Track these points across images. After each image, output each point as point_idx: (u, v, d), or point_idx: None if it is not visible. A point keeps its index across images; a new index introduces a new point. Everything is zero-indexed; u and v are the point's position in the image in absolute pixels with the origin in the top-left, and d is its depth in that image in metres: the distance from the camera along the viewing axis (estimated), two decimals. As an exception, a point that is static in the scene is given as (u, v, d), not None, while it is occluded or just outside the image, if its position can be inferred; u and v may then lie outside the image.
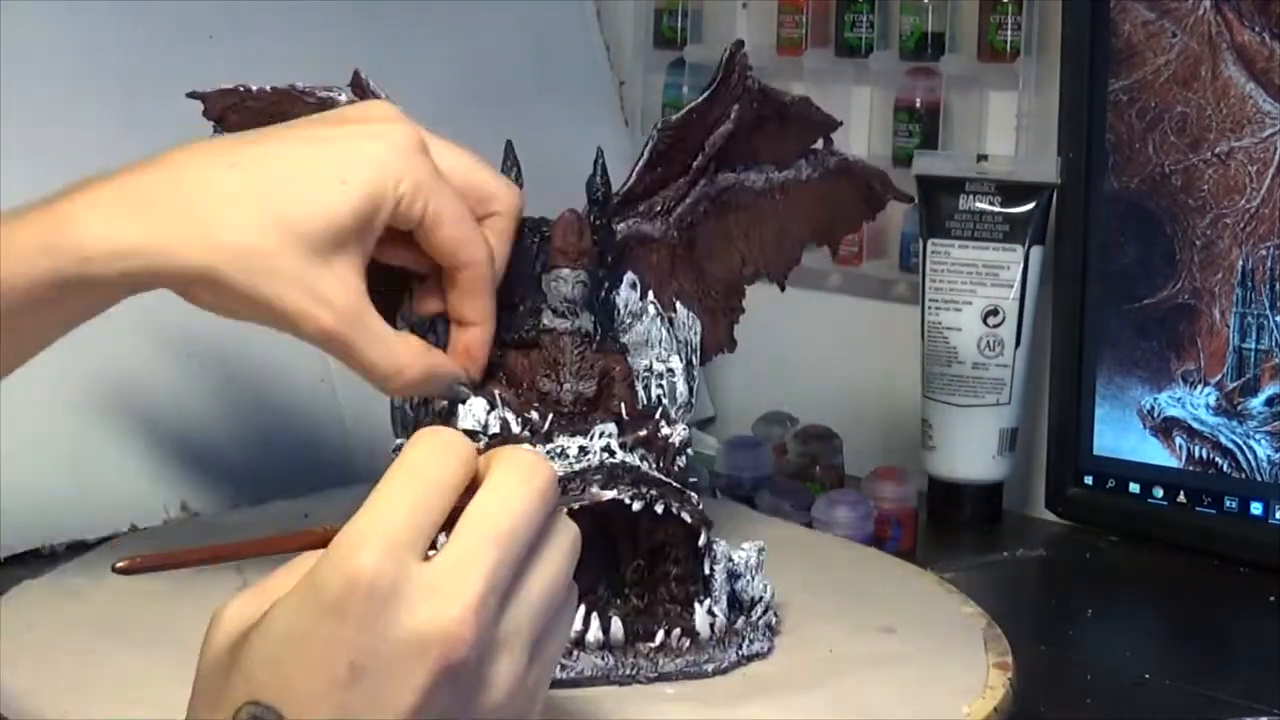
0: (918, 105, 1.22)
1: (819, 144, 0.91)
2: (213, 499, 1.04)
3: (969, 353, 1.15)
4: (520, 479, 0.54)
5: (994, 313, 1.14)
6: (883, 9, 1.24)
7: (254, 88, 0.83)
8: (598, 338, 0.79)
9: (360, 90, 0.83)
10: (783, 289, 0.93)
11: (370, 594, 0.50)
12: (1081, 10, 1.12)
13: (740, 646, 0.77)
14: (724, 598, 0.77)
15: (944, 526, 1.15)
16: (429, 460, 0.53)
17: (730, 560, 0.78)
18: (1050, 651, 0.91)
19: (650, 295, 0.83)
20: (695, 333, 0.86)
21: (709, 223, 0.88)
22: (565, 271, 0.79)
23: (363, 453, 1.08)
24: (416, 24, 1.25)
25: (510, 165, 0.82)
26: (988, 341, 1.14)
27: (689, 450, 0.79)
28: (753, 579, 0.78)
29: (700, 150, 0.86)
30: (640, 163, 0.85)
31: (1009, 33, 1.18)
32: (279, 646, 0.50)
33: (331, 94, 0.83)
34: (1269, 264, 1.06)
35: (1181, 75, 1.08)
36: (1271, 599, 1.00)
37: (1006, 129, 1.20)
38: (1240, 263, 1.07)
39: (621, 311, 0.81)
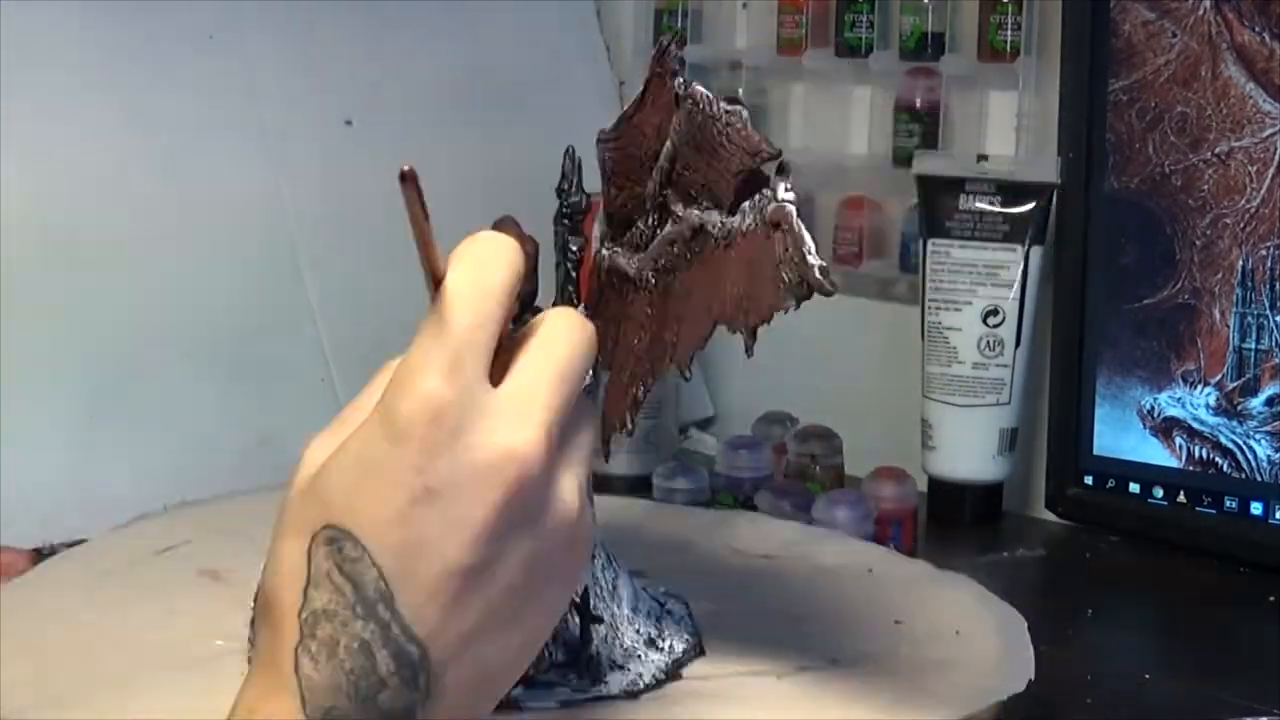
0: (918, 105, 1.22)
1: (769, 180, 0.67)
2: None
3: (969, 353, 1.15)
4: (574, 325, 0.56)
5: (994, 313, 1.14)
6: (883, 9, 1.24)
7: None
8: None
9: None
10: (686, 378, 0.71)
11: (438, 418, 0.52)
12: (1081, 10, 1.12)
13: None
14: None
15: (944, 526, 1.15)
16: (480, 272, 0.54)
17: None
18: (1050, 651, 0.91)
19: None
20: None
21: (684, 270, 0.70)
22: None
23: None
24: (417, 24, 1.25)
25: (572, 172, 0.75)
26: (988, 341, 1.14)
27: None
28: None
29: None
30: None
31: (1009, 33, 1.18)
32: (353, 474, 0.52)
33: None
34: (1269, 264, 1.06)
35: (1181, 75, 1.08)
36: (1271, 599, 1.00)
37: (1006, 129, 1.20)
38: (1240, 263, 1.07)
39: None
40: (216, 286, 1.09)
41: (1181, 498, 1.10)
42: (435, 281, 0.54)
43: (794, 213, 0.65)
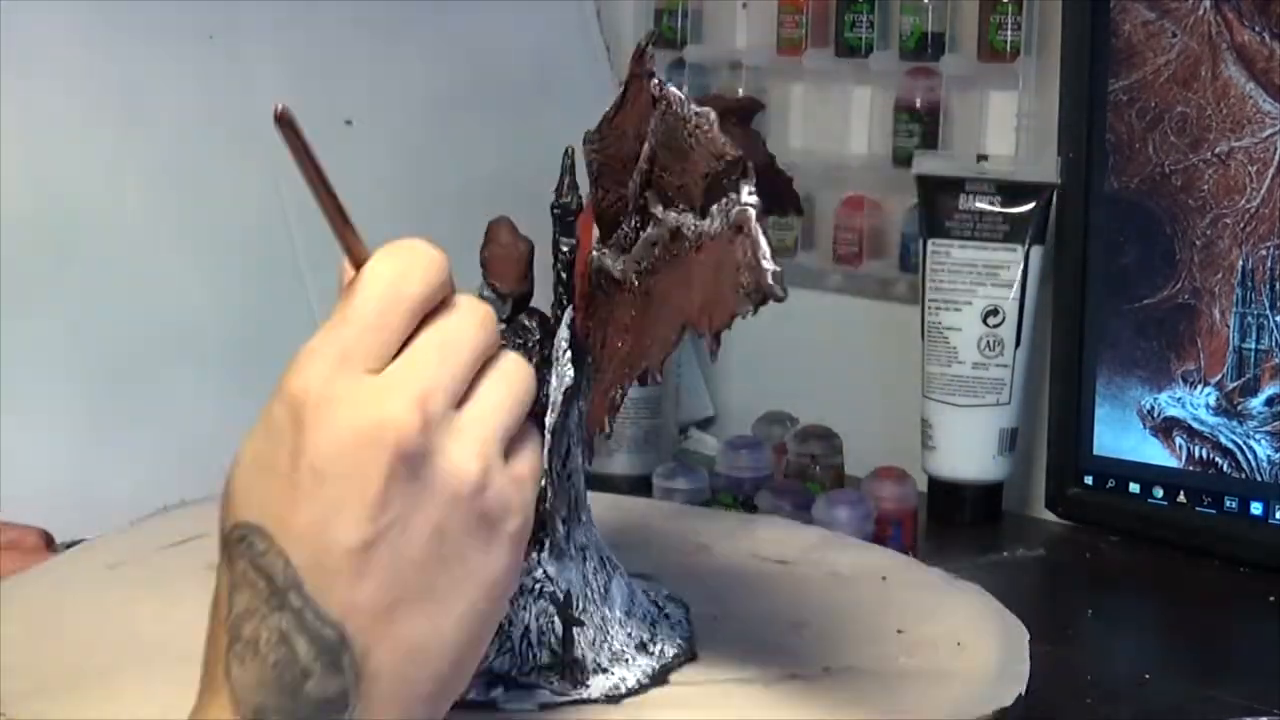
0: (918, 105, 1.22)
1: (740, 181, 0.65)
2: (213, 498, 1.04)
3: (969, 353, 1.15)
4: (466, 308, 0.56)
5: (994, 313, 1.14)
6: (883, 9, 1.24)
7: None
8: None
9: None
10: (657, 381, 0.75)
11: (317, 404, 0.53)
12: (1081, 10, 1.12)
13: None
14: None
15: (944, 526, 1.15)
16: (400, 280, 0.55)
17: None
18: (1050, 651, 0.91)
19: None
20: (560, 393, 0.72)
21: (664, 272, 0.69)
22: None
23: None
24: (416, 24, 1.25)
25: (565, 172, 0.75)
26: (988, 341, 1.15)
27: None
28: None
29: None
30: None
31: (1009, 33, 1.18)
32: (249, 471, 0.54)
33: None
34: (1269, 264, 1.06)
35: (1181, 75, 1.08)
36: (1271, 599, 1.00)
37: (1006, 129, 1.20)
38: (1240, 263, 1.07)
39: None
40: (216, 286, 1.09)
41: (1181, 498, 1.10)
42: (352, 258, 0.56)
43: (754, 215, 0.64)
